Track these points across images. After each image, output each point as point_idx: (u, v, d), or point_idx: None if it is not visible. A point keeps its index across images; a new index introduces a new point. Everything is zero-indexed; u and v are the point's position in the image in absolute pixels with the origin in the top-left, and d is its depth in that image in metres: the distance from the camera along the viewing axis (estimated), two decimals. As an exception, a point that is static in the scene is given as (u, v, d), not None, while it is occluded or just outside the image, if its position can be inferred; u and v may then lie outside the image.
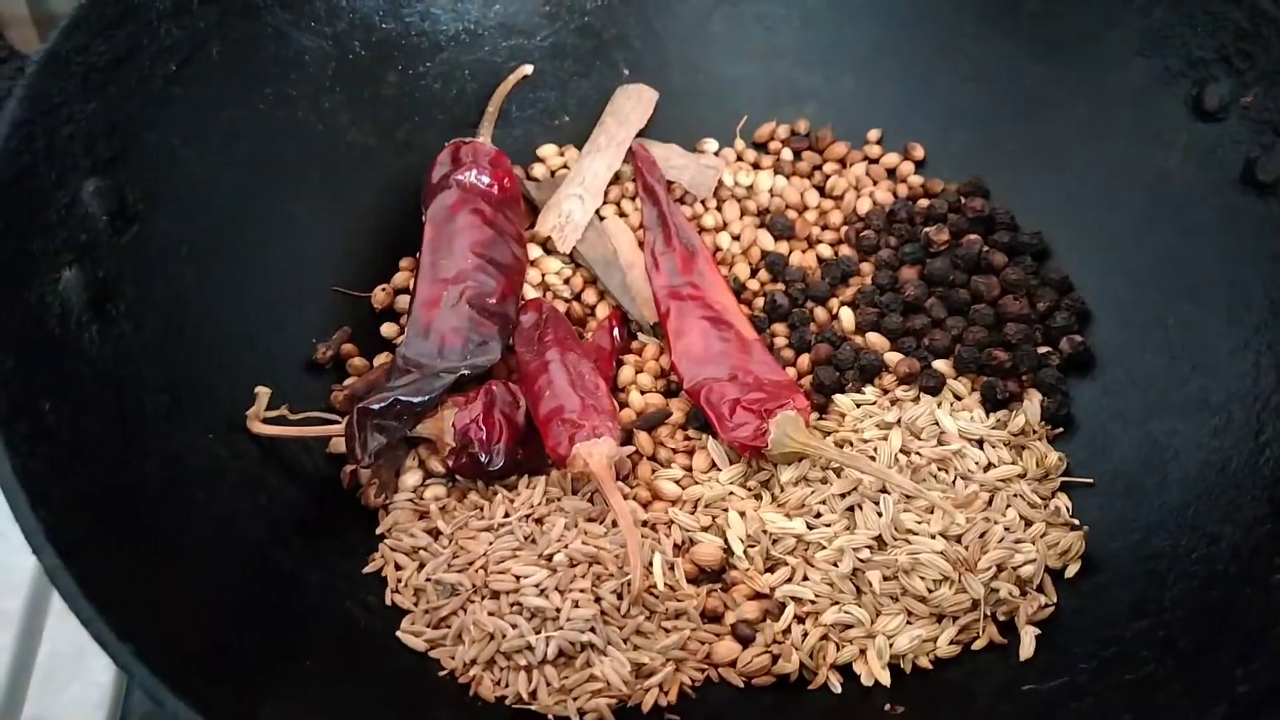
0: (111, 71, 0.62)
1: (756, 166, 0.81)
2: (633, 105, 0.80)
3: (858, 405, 0.67)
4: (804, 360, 0.71)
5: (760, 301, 0.74)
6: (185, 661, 0.46)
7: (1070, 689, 0.55)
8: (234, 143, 0.69)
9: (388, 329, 0.72)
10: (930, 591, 0.59)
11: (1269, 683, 0.48)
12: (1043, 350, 0.70)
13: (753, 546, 0.61)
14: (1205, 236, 0.67)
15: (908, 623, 0.59)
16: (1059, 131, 0.75)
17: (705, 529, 0.63)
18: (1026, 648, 0.58)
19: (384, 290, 0.73)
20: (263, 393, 0.63)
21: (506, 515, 0.61)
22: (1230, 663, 0.51)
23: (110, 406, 0.56)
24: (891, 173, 0.80)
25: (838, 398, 0.68)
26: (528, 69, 0.78)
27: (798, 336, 0.71)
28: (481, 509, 0.62)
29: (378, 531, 0.63)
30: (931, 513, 0.61)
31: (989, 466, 0.64)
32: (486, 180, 0.73)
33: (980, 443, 0.65)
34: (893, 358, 0.70)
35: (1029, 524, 0.62)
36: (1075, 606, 0.60)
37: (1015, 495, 0.63)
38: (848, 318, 0.72)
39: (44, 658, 0.65)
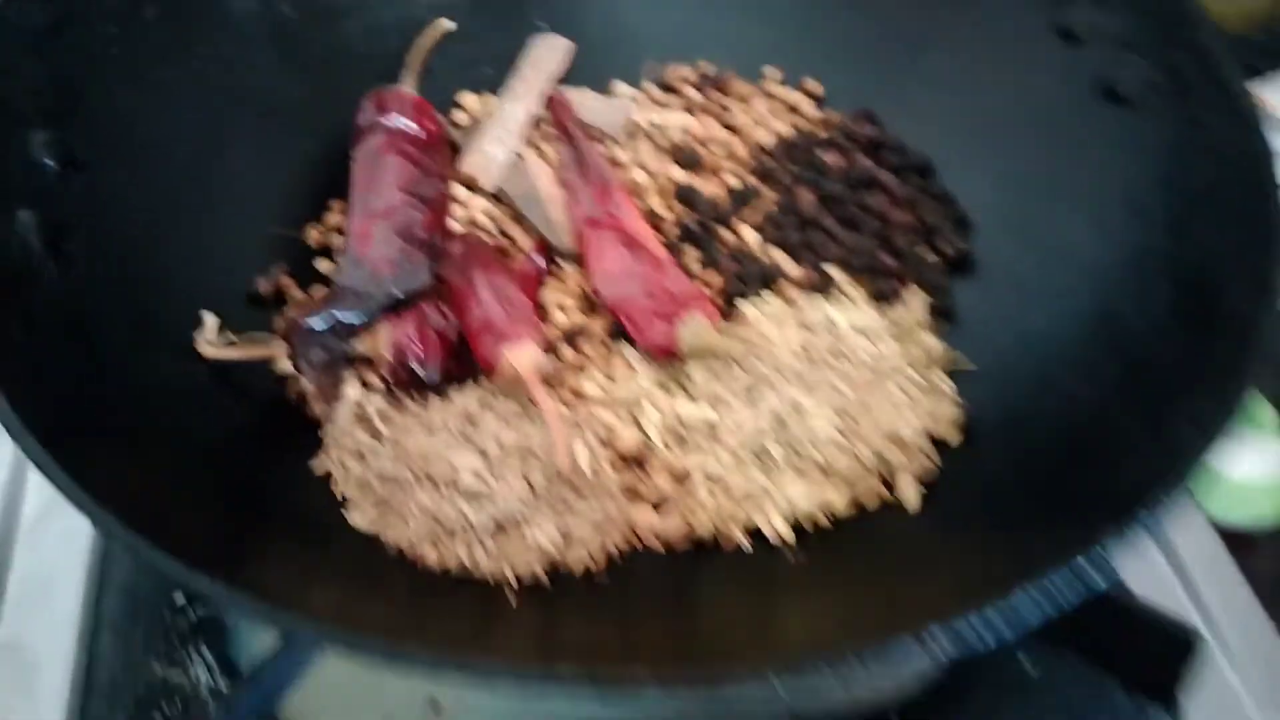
0: (54, 36, 0.67)
1: (665, 106, 0.87)
2: (549, 54, 0.86)
3: (760, 310, 0.73)
4: (713, 276, 0.77)
5: (673, 230, 0.80)
6: (162, 524, 0.50)
7: (956, 538, 0.62)
8: (174, 99, 0.74)
9: (324, 265, 0.77)
10: (827, 461, 0.65)
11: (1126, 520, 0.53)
12: (930, 258, 0.77)
13: (668, 434, 0.67)
14: (1072, 148, 0.74)
15: (807, 488, 0.65)
16: (941, 62, 0.82)
17: (625, 423, 0.69)
18: (912, 502, 0.65)
19: (317, 230, 0.78)
20: (210, 319, 0.68)
21: (442, 418, 0.67)
22: (1093, 509, 0.56)
23: (74, 331, 0.61)
24: (793, 109, 0.87)
25: (741, 303, 0.74)
26: (449, 24, 0.83)
27: (707, 256, 0.78)
28: (419, 415, 0.67)
29: (324, 438, 0.68)
30: (825, 393, 0.67)
31: (878, 356, 0.70)
32: (414, 126, 0.78)
33: (869, 335, 0.71)
34: (792, 268, 0.76)
35: (914, 400, 0.68)
36: (956, 469, 0.66)
37: (902, 376, 0.69)
38: (751, 237, 0.79)
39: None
